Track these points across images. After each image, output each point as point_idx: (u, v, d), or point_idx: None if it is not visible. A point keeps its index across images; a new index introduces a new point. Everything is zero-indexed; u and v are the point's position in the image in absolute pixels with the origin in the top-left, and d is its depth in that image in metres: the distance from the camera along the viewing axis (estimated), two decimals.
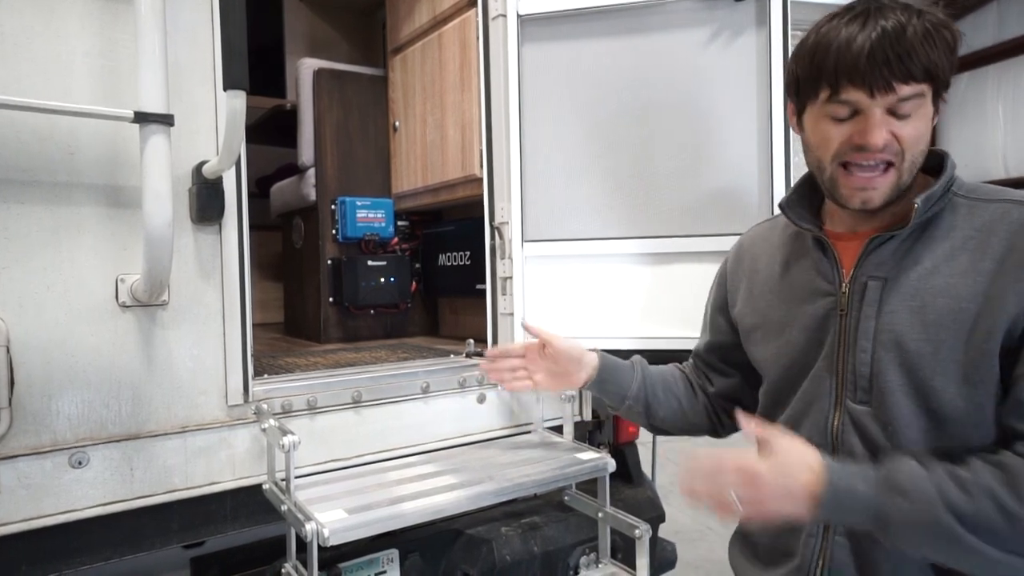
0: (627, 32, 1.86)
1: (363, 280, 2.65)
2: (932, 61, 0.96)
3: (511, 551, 1.88)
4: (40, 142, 1.33)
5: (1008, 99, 5.87)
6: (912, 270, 1.03)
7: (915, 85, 0.97)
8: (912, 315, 1.01)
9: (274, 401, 1.59)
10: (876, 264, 1.06)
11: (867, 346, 1.05)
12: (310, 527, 1.27)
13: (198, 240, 1.50)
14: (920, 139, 1.01)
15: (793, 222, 1.18)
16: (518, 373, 1.54)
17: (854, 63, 0.97)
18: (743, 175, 1.80)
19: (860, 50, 0.96)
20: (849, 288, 1.09)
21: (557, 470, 1.62)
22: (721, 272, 1.41)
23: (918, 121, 1.00)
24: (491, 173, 1.98)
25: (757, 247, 1.31)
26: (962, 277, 0.99)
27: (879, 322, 1.04)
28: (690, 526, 4.19)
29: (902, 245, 1.05)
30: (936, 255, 1.02)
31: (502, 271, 1.97)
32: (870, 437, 1.05)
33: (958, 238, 1.02)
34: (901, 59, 0.95)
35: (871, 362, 1.04)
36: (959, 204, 1.04)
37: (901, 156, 1.00)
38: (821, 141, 1.06)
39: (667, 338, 1.86)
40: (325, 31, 3.72)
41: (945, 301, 0.99)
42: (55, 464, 1.35)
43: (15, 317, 1.31)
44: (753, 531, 1.25)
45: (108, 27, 1.38)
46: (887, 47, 0.95)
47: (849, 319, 1.08)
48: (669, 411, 1.41)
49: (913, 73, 0.96)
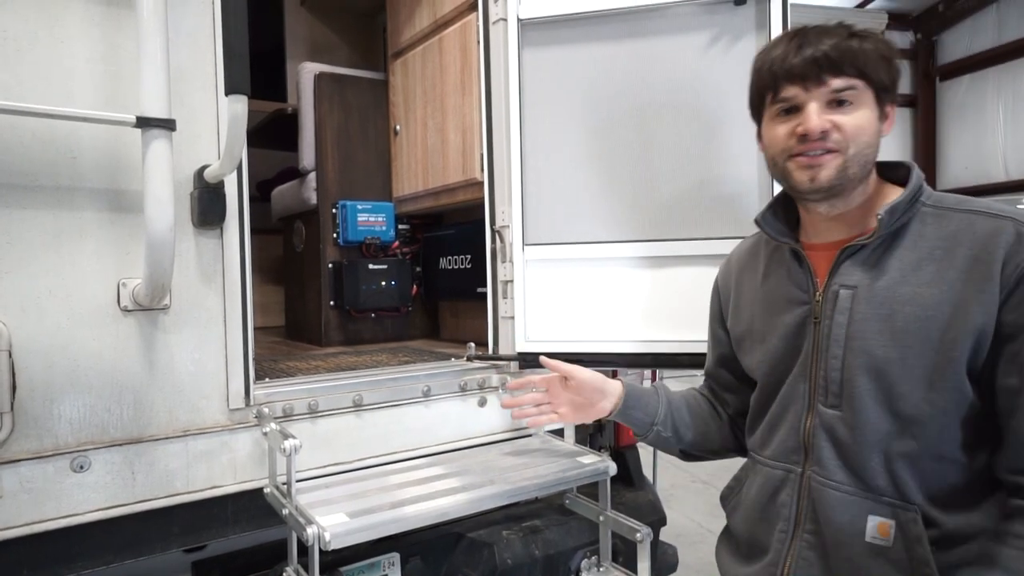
0: (627, 36, 1.87)
1: (364, 283, 2.65)
2: (860, 58, 1.05)
3: (512, 555, 1.88)
4: (42, 146, 1.33)
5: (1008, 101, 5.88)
6: (881, 279, 1.08)
7: (846, 79, 1.05)
8: (881, 323, 1.06)
9: (275, 405, 1.59)
10: (847, 273, 1.11)
11: (838, 352, 1.10)
12: (311, 531, 1.27)
13: (199, 244, 1.51)
14: (862, 130, 1.07)
15: (769, 235, 1.23)
16: (542, 407, 1.52)
17: (788, 65, 1.08)
18: (742, 179, 1.80)
19: (793, 53, 1.07)
20: (822, 297, 1.14)
21: (558, 474, 1.62)
22: (715, 286, 1.45)
23: (858, 113, 1.07)
24: (492, 176, 1.99)
25: (743, 260, 1.36)
26: (928, 287, 1.03)
27: (850, 329, 1.09)
28: (691, 529, 4.18)
29: (872, 255, 1.10)
30: (904, 264, 1.07)
31: (503, 275, 1.97)
32: (838, 439, 1.10)
33: (925, 248, 1.06)
34: (828, 55, 1.05)
35: (841, 368, 1.09)
36: (927, 214, 1.08)
37: (845, 145, 1.06)
38: (772, 141, 1.14)
39: (667, 341, 1.86)
40: (326, 35, 3.73)
41: (912, 309, 1.04)
42: (57, 468, 1.35)
43: (17, 321, 1.31)
44: (735, 525, 1.30)
45: (110, 32, 1.39)
46: (815, 46, 1.06)
47: (822, 327, 1.13)
48: (698, 434, 1.41)
49: (841, 67, 1.05)
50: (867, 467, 1.07)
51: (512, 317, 1.95)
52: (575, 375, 1.46)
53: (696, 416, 1.42)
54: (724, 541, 1.35)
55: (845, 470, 1.09)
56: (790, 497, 1.16)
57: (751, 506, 1.24)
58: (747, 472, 1.30)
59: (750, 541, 1.24)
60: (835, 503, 1.09)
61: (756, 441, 1.27)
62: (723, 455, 1.45)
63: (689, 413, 1.42)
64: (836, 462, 1.10)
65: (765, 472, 1.21)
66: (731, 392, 1.41)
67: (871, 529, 1.06)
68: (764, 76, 1.13)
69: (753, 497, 1.23)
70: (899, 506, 1.05)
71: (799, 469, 1.15)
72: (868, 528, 1.06)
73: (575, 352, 1.91)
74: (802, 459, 1.15)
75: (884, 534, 1.05)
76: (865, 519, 1.07)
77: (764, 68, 1.13)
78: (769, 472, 1.20)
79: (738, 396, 1.39)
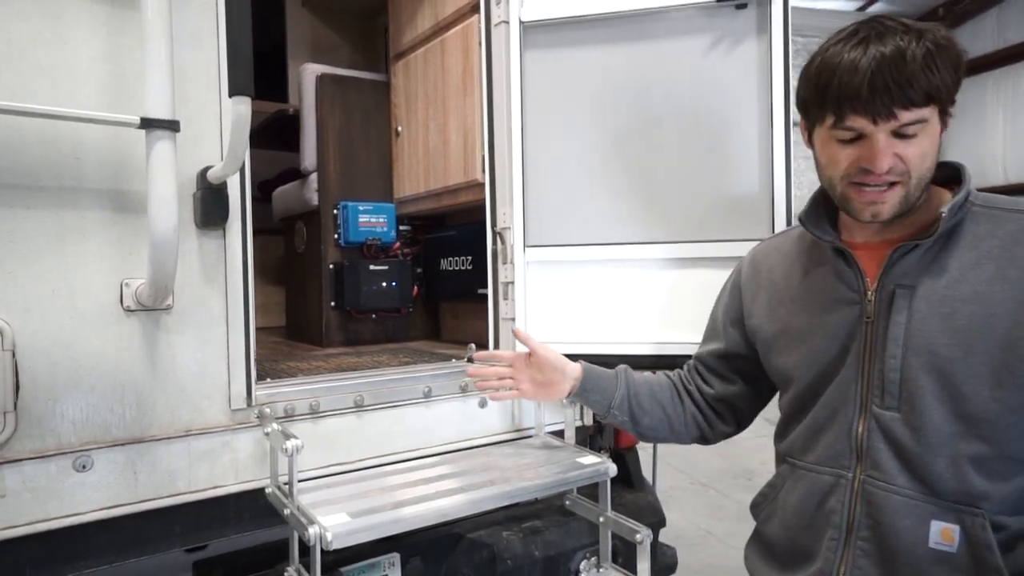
0: (629, 39, 1.88)
1: (365, 284, 2.65)
2: (933, 84, 0.98)
3: (512, 555, 1.89)
4: (46, 147, 1.34)
5: (1008, 105, 5.90)
6: (939, 278, 1.06)
7: (916, 111, 0.99)
8: (942, 321, 1.04)
9: (277, 405, 1.60)
10: (902, 273, 1.09)
11: (897, 352, 1.07)
12: (313, 531, 1.27)
13: (202, 245, 1.51)
14: (925, 157, 1.04)
15: (813, 235, 1.20)
16: (505, 382, 1.56)
17: (856, 92, 0.99)
18: (744, 181, 1.81)
19: (862, 79, 0.99)
20: (876, 296, 1.11)
21: (558, 474, 1.62)
22: (734, 284, 1.42)
23: (923, 141, 1.02)
24: (493, 178, 1.99)
25: (772, 259, 1.33)
26: (989, 285, 1.02)
27: (909, 328, 1.06)
28: (691, 531, 4.19)
29: (927, 254, 1.08)
30: (962, 263, 1.05)
31: (504, 276, 1.98)
32: (897, 441, 1.07)
33: (983, 247, 1.05)
34: (901, 87, 0.97)
35: (900, 368, 1.06)
36: (978, 214, 1.08)
37: (908, 175, 1.03)
38: (830, 162, 1.10)
39: (668, 343, 1.87)
40: (327, 36, 3.73)
41: (974, 308, 1.02)
42: (59, 468, 1.35)
43: (20, 321, 1.32)
44: (771, 532, 1.26)
45: (115, 33, 1.40)
46: (887, 75, 0.97)
47: (877, 326, 1.10)
48: (654, 419, 1.44)
49: (914, 100, 0.98)
50: (931, 470, 1.04)
51: (513, 318, 1.96)
52: (538, 352, 1.49)
53: (655, 402, 1.44)
54: (756, 548, 1.31)
55: (906, 473, 1.06)
56: (840, 503, 1.12)
57: (793, 513, 1.20)
58: (783, 478, 1.26)
59: (791, 549, 1.20)
60: (896, 508, 1.05)
61: (795, 446, 1.23)
62: (678, 441, 1.47)
63: (648, 399, 1.44)
64: (896, 465, 1.06)
65: (810, 478, 1.17)
66: (722, 380, 1.41)
67: (934, 535, 1.03)
68: (828, 95, 1.03)
69: (795, 504, 1.19)
70: (965, 510, 1.02)
71: (850, 474, 1.11)
72: (931, 534, 1.03)
73: (576, 353, 1.92)
74: (854, 463, 1.11)
75: (948, 540, 1.02)
76: (928, 524, 1.03)
77: (828, 84, 1.03)
78: (815, 478, 1.16)
79: (729, 386, 1.40)
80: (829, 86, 1.03)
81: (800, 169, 1.87)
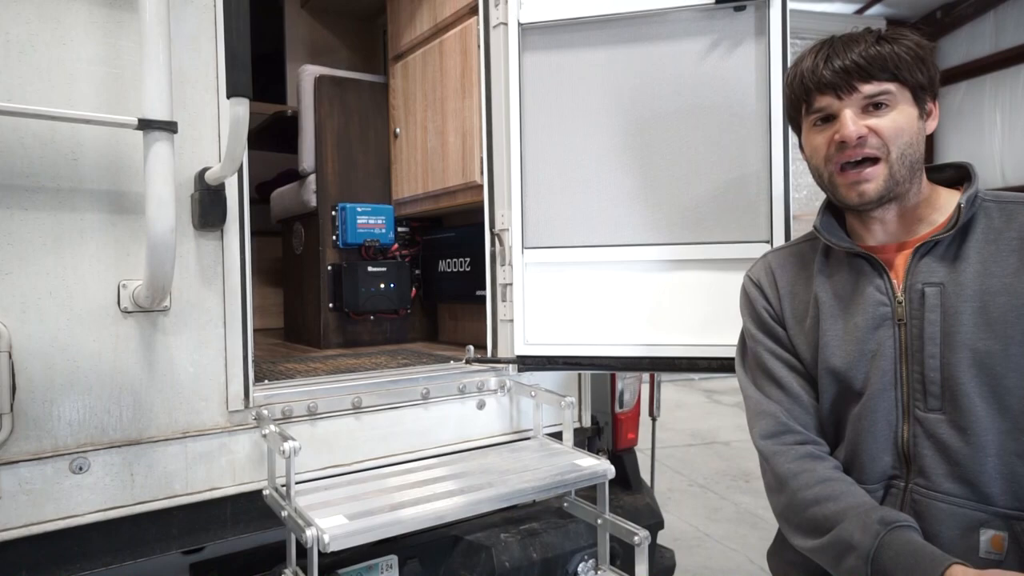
0: (627, 41, 1.88)
1: (363, 286, 2.65)
2: (891, 61, 1.05)
3: (510, 557, 1.88)
4: (43, 148, 1.34)
5: (1005, 108, 5.91)
6: (965, 273, 1.05)
7: (877, 84, 1.06)
8: (975, 315, 1.03)
9: (275, 407, 1.59)
10: (927, 271, 1.08)
11: (935, 351, 1.05)
12: (310, 533, 1.27)
13: (200, 246, 1.51)
14: (900, 131, 1.06)
15: (830, 242, 1.18)
16: None
17: (819, 75, 1.08)
18: (742, 183, 1.81)
19: (823, 64, 1.08)
20: (904, 297, 1.09)
21: (556, 476, 1.62)
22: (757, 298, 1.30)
23: (896, 116, 1.06)
24: (491, 180, 1.99)
25: (788, 269, 1.29)
26: (1016, 276, 1.02)
27: (945, 326, 1.05)
28: (689, 533, 4.18)
29: (948, 250, 1.08)
30: (984, 256, 1.05)
31: (502, 278, 1.98)
32: (945, 444, 1.03)
33: (1003, 240, 1.05)
34: (857, 63, 1.05)
35: (941, 367, 1.04)
36: (990, 208, 1.08)
37: (886, 149, 1.06)
38: (813, 151, 1.15)
39: (665, 345, 1.87)
40: (326, 37, 3.73)
41: (1006, 299, 1.02)
42: (56, 469, 1.35)
43: (17, 322, 1.31)
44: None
45: (112, 35, 1.39)
46: (844, 55, 1.07)
47: (910, 328, 1.08)
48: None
49: (871, 72, 1.05)
50: (980, 472, 1.01)
51: (511, 320, 1.96)
52: None
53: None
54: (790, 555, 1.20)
55: (953, 479, 1.02)
56: None
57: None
58: None
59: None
60: (944, 517, 1.02)
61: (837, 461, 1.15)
62: None
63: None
64: (943, 471, 1.03)
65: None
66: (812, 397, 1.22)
67: (984, 544, 1.00)
68: (796, 88, 1.14)
69: None
70: (1014, 516, 0.99)
71: (902, 483, 1.07)
72: (982, 543, 1.00)
73: (573, 355, 1.92)
74: (904, 472, 1.07)
75: (998, 548, 0.99)
76: (977, 532, 1.00)
77: (796, 81, 1.14)
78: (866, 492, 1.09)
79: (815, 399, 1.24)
80: (795, 80, 1.14)
81: (798, 171, 1.87)
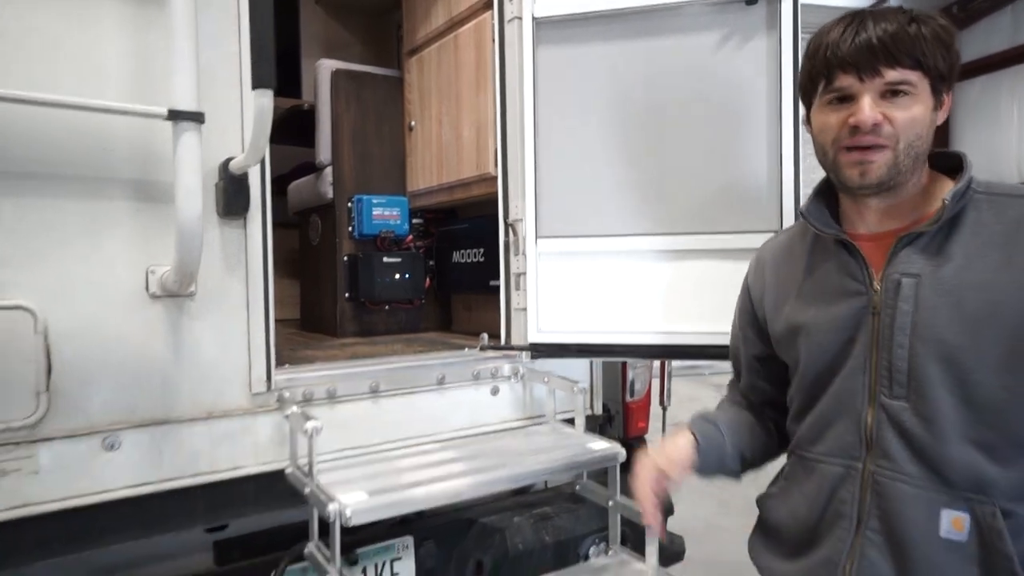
0: (640, 34, 1.91)
1: (379, 276, 2.70)
2: (919, 48, 1.02)
3: (523, 540, 1.93)
4: (77, 139, 1.39)
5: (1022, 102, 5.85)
6: (945, 266, 1.06)
7: (902, 71, 1.03)
8: (950, 310, 1.04)
9: (295, 390, 1.65)
10: (907, 262, 1.09)
11: (904, 341, 1.07)
12: (333, 507, 1.32)
13: (224, 234, 1.56)
14: (914, 123, 1.05)
15: (815, 228, 1.20)
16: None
17: (844, 52, 1.05)
18: (753, 175, 1.84)
19: (849, 40, 1.05)
20: (881, 286, 1.11)
21: (570, 458, 1.66)
22: (744, 287, 1.41)
23: (912, 106, 1.05)
24: (506, 171, 2.03)
25: (777, 257, 1.33)
26: (996, 272, 1.02)
27: (916, 317, 1.06)
28: (698, 525, 4.20)
29: (931, 243, 1.08)
30: (968, 251, 1.05)
31: (516, 267, 2.02)
32: (907, 431, 1.07)
33: (987, 234, 1.05)
34: (886, 45, 1.02)
35: (909, 357, 1.06)
36: (980, 201, 1.08)
37: (896, 139, 1.05)
38: (822, 128, 1.12)
39: (677, 333, 1.90)
40: (339, 33, 3.78)
41: (982, 295, 1.02)
42: (89, 447, 1.41)
43: (53, 306, 1.37)
44: (779, 521, 1.25)
45: (142, 30, 1.45)
46: (872, 35, 1.03)
47: (883, 317, 1.10)
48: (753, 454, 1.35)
49: (898, 58, 1.02)
50: (942, 458, 1.03)
51: (525, 308, 2.00)
52: (677, 479, 1.29)
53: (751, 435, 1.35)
54: (762, 538, 1.30)
55: (916, 463, 1.05)
56: (851, 494, 1.12)
57: (803, 503, 1.19)
58: (793, 470, 1.25)
59: (799, 538, 1.20)
60: (905, 498, 1.05)
61: (804, 438, 1.22)
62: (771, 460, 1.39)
63: (744, 433, 1.34)
64: (906, 455, 1.06)
65: (820, 469, 1.17)
66: (766, 383, 1.36)
67: (945, 524, 1.03)
68: (817, 62, 1.09)
69: (805, 495, 1.19)
70: (975, 499, 1.02)
71: (860, 464, 1.11)
72: (942, 523, 1.03)
73: (586, 343, 1.96)
74: (864, 454, 1.11)
75: (959, 529, 1.02)
76: (938, 514, 1.03)
77: (818, 53, 1.09)
78: (825, 469, 1.16)
79: (778, 391, 1.35)
80: (818, 52, 1.09)
81: (808, 167, 1.89)
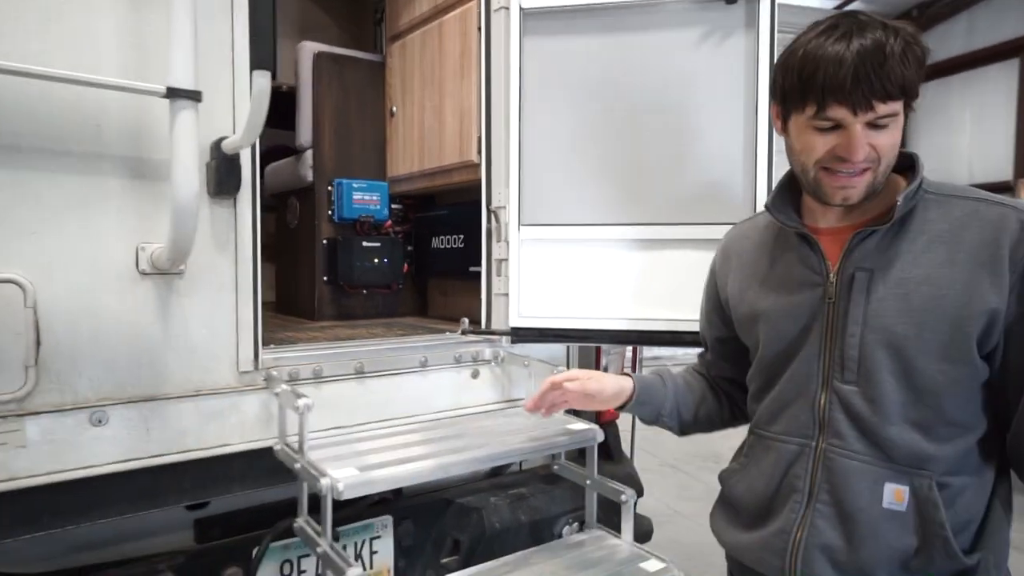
0: (624, 29, 1.96)
1: (357, 260, 2.71)
2: (908, 79, 1.07)
3: (500, 519, 1.98)
4: (70, 114, 1.39)
5: (974, 105, 6.11)
6: (895, 262, 1.15)
7: (891, 104, 1.08)
8: (898, 302, 1.13)
9: (282, 369, 1.67)
10: (861, 257, 1.18)
11: (856, 331, 1.17)
12: (325, 482, 1.35)
13: (214, 213, 1.57)
14: (894, 146, 1.13)
15: (779, 221, 1.28)
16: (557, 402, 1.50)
17: (840, 84, 1.06)
18: (729, 168, 1.91)
19: (846, 72, 1.05)
20: (837, 279, 1.20)
21: (549, 438, 1.72)
22: (711, 273, 1.50)
23: (894, 131, 1.11)
24: (489, 159, 2.07)
25: (741, 244, 1.42)
26: (940, 268, 1.12)
27: (867, 309, 1.16)
28: (659, 510, 4.33)
29: (883, 239, 1.17)
30: (915, 247, 1.15)
31: (497, 253, 2.06)
32: (856, 412, 1.17)
33: (933, 232, 1.14)
34: (881, 80, 1.05)
35: (859, 345, 1.16)
36: (929, 200, 1.17)
37: (877, 162, 1.12)
38: (805, 148, 1.16)
39: (652, 319, 1.97)
40: (316, 14, 3.75)
41: (927, 289, 1.12)
42: (77, 421, 1.42)
43: (43, 280, 1.37)
44: (738, 496, 1.35)
45: (138, 6, 1.44)
46: (869, 69, 1.04)
47: (838, 307, 1.19)
48: (696, 418, 1.49)
49: (891, 93, 1.06)
50: (886, 437, 1.14)
51: (506, 294, 2.05)
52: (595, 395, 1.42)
53: (699, 402, 1.49)
54: (723, 511, 1.40)
55: (863, 441, 1.16)
56: (804, 469, 1.21)
57: (760, 479, 1.29)
58: (752, 448, 1.35)
59: (756, 511, 1.30)
60: (853, 472, 1.16)
61: (762, 418, 1.32)
62: (714, 430, 1.52)
63: (693, 400, 1.48)
64: (854, 434, 1.17)
65: (777, 447, 1.27)
66: (727, 363, 1.48)
67: (888, 496, 1.14)
68: (811, 84, 1.08)
69: (762, 471, 1.29)
70: (914, 473, 1.13)
71: (813, 443, 1.21)
72: (885, 495, 1.14)
73: (564, 328, 2.02)
74: (816, 433, 1.21)
75: (899, 500, 1.13)
76: (882, 487, 1.14)
77: (813, 74, 1.07)
78: (781, 447, 1.26)
79: (734, 367, 1.46)
80: (814, 77, 1.07)
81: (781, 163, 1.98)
